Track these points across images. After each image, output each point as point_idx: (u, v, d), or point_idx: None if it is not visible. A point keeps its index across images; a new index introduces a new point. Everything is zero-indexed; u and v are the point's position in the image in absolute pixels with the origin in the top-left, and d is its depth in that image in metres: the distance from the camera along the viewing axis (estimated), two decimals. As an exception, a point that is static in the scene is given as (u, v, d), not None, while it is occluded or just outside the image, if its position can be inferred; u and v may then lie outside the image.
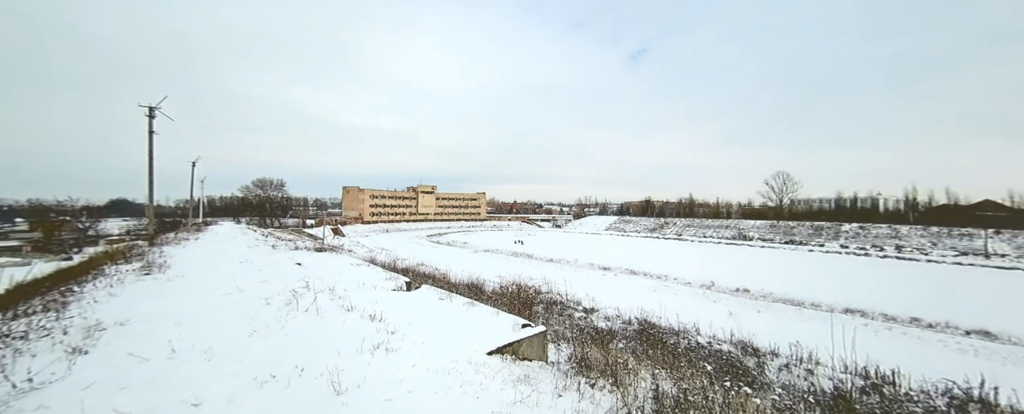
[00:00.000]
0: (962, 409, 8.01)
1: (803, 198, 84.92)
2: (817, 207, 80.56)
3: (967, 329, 17.65)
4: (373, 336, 5.48)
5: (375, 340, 5.28)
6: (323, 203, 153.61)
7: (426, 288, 9.34)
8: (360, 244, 50.96)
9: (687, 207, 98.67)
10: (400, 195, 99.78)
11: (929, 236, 52.77)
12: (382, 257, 29.36)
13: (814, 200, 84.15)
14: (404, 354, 4.89)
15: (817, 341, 12.47)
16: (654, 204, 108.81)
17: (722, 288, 26.46)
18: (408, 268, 21.70)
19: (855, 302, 22.00)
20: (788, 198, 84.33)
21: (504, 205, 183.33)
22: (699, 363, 8.75)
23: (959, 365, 11.03)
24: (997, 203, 62.66)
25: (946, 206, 64.02)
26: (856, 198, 75.33)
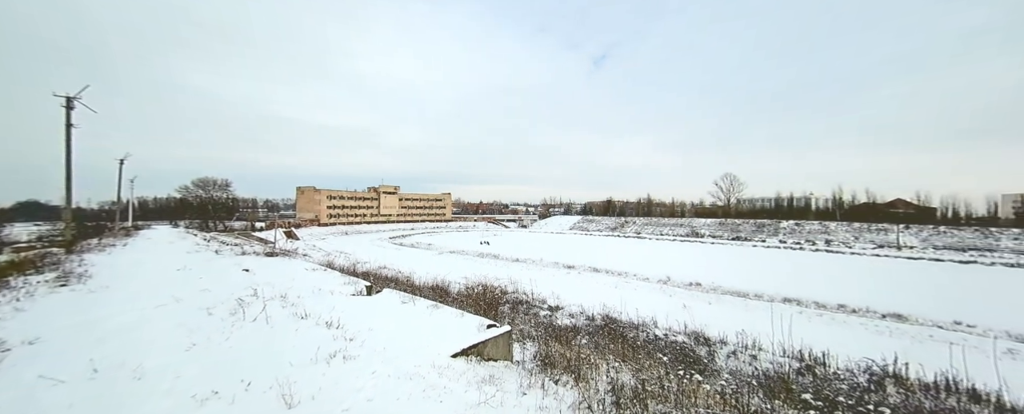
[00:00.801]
0: (880, 384, 9.05)
1: (748, 198, 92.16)
2: (760, 206, 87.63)
3: (883, 313, 19.96)
4: (329, 344, 5.22)
5: (331, 348, 5.04)
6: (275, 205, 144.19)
7: (388, 292, 9.05)
8: (316, 247, 48.36)
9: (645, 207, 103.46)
10: (360, 196, 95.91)
11: (852, 231, 59.11)
12: (340, 261, 28.05)
13: (757, 200, 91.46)
14: (363, 361, 4.71)
15: (760, 329, 13.55)
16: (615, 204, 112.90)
17: (677, 282, 27.98)
18: (369, 272, 20.91)
19: (792, 292, 24.15)
20: (735, 198, 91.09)
21: (470, 206, 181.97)
22: (656, 354, 9.19)
23: (877, 345, 12.45)
24: (907, 202, 71.51)
25: (866, 204, 72.06)
26: (792, 198, 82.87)
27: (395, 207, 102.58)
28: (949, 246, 48.60)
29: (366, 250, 46.00)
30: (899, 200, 72.65)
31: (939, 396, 8.07)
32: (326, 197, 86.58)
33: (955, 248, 47.69)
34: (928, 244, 50.19)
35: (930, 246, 49.52)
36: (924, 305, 21.03)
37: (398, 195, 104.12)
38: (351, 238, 65.35)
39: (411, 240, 62.25)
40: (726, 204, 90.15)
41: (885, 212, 67.78)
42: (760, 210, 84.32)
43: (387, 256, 39.67)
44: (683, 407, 4.55)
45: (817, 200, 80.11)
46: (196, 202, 65.76)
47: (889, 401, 7.59)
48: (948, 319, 18.59)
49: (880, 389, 8.67)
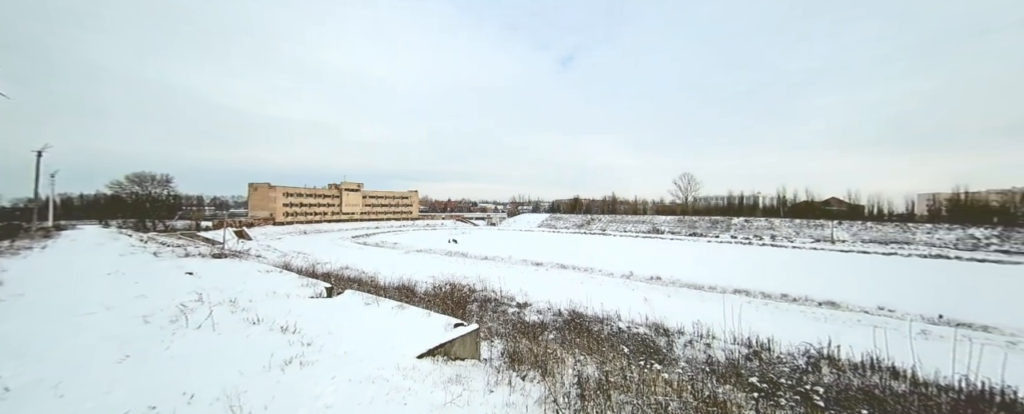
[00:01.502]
0: (816, 365, 9.93)
1: (704, 196, 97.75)
2: (714, 204, 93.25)
3: (819, 301, 21.93)
4: (284, 350, 4.93)
5: (287, 354, 4.76)
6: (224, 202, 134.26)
7: (350, 293, 8.70)
8: (271, 248, 45.57)
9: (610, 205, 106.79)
10: (320, 193, 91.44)
11: (794, 227, 64.39)
12: (298, 262, 26.62)
13: (713, 198, 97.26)
14: (322, 367, 4.49)
15: (714, 319, 14.43)
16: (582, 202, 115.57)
17: (639, 277, 29.14)
18: (330, 273, 20.01)
19: (742, 284, 25.92)
20: (692, 196, 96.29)
21: (438, 203, 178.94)
22: (620, 346, 9.53)
23: (814, 330, 13.64)
24: (840, 200, 78.93)
25: (806, 202, 78.72)
26: (742, 196, 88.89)
27: (358, 205, 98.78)
28: (874, 240, 54.25)
29: (327, 250, 43.96)
30: (833, 199, 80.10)
31: (865, 374, 8.98)
32: (282, 194, 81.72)
33: (879, 242, 53.33)
34: (857, 238, 55.74)
35: (859, 240, 55.02)
36: (853, 293, 23.34)
37: (362, 192, 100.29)
38: (310, 238, 62.18)
39: (376, 239, 60.24)
40: (684, 202, 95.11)
41: (822, 209, 74.53)
42: (714, 207, 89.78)
43: (350, 256, 38.16)
44: (643, 396, 4.74)
45: (764, 198, 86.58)
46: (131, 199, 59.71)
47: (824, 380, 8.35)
48: (873, 305, 20.75)
49: (816, 370, 9.52)
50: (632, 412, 4.02)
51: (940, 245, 49.20)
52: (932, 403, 6.58)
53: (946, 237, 51.15)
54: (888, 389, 7.52)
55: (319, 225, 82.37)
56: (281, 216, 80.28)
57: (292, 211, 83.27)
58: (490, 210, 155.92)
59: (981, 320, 17.95)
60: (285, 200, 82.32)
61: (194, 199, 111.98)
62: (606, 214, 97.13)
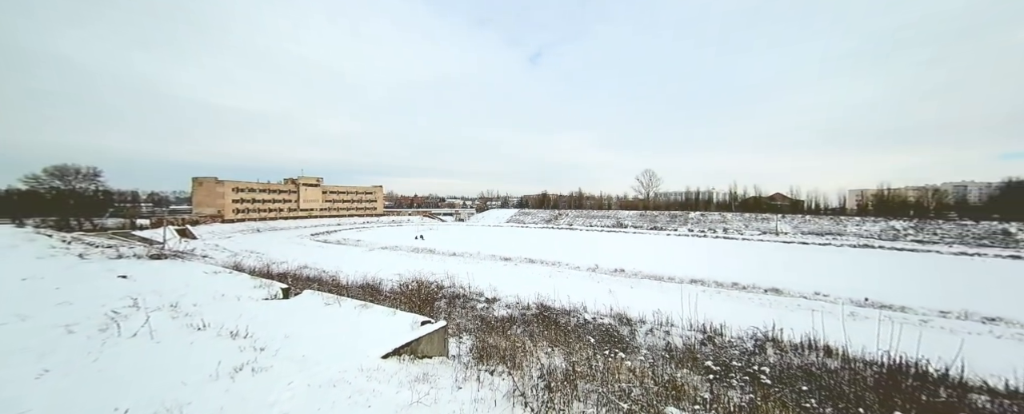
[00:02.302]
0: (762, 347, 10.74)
1: (664, 192, 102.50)
2: (673, 199, 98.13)
3: (765, 288, 23.75)
4: (235, 356, 4.60)
5: (237, 361, 4.44)
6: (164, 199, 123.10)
7: (309, 294, 8.27)
8: (219, 247, 42.37)
9: (577, 200, 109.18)
10: (275, 188, 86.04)
11: (744, 220, 69.16)
12: (251, 262, 24.96)
13: (672, 193, 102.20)
14: (277, 372, 4.23)
15: (672, 308, 15.21)
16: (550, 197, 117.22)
17: (604, 270, 30.09)
18: (286, 273, 18.93)
19: (697, 274, 27.51)
20: (653, 192, 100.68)
21: (404, 199, 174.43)
22: (586, 337, 9.78)
23: (761, 315, 14.72)
24: (784, 195, 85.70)
25: (754, 198, 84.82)
26: (698, 192, 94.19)
27: (318, 201, 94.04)
28: (812, 231, 59.49)
29: (283, 249, 41.52)
30: (778, 194, 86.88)
31: (804, 353, 9.82)
32: (232, 189, 75.99)
33: (816, 233, 58.55)
34: (798, 230, 60.86)
35: (799, 232, 60.11)
36: (794, 280, 25.49)
37: (322, 187, 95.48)
38: (264, 236, 58.40)
39: (337, 236, 57.65)
40: (646, 197, 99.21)
41: (768, 204, 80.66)
42: (673, 203, 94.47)
43: (309, 255, 36.30)
44: (608, 383, 4.89)
45: (718, 194, 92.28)
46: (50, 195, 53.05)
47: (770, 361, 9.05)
48: (811, 291, 22.78)
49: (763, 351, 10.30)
50: (597, 400, 4.13)
51: (867, 236, 54.88)
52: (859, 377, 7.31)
53: (872, 229, 57.12)
54: (823, 366, 8.28)
55: (274, 222, 77.63)
56: (231, 213, 74.81)
57: (243, 208, 77.80)
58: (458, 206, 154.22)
59: (899, 302, 20.27)
60: (235, 196, 76.72)
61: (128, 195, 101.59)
62: (573, 209, 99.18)
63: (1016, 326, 16.50)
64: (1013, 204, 56.62)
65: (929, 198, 69.58)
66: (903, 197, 71.32)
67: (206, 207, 72.99)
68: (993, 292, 23.41)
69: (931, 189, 73.37)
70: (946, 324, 17.00)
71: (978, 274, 30.60)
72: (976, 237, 48.91)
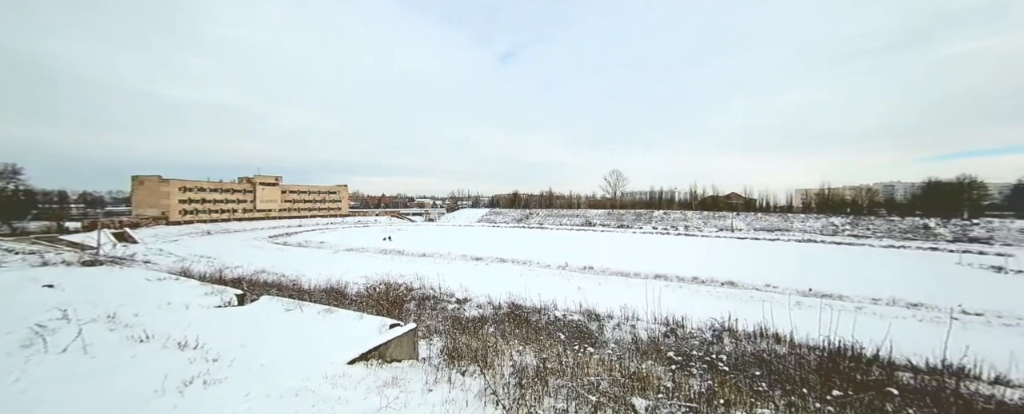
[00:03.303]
0: (720, 337, 11.39)
1: (630, 191, 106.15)
2: (639, 198, 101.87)
3: (722, 281, 25.21)
4: (184, 369, 4.26)
5: (186, 374, 4.12)
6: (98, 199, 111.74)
7: (267, 299, 7.82)
8: (164, 252, 39.09)
9: (547, 199, 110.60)
10: (228, 187, 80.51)
11: (703, 218, 73.02)
12: (201, 267, 23.26)
13: (638, 193, 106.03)
14: (233, 384, 3.97)
15: (638, 302, 15.80)
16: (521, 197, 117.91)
17: (574, 267, 30.71)
18: (242, 278, 17.80)
19: (661, 270, 28.74)
20: (620, 191, 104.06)
21: (371, 199, 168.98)
22: (556, 334, 9.94)
23: (719, 307, 15.63)
24: (739, 194, 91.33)
25: (712, 197, 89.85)
26: (661, 191, 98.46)
27: (277, 201, 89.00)
28: (763, 228, 63.85)
29: (238, 252, 38.94)
30: (733, 194, 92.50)
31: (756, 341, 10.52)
32: (178, 189, 70.24)
33: (767, 229, 62.90)
34: (751, 227, 65.10)
35: (752, 228, 64.31)
36: (747, 274, 27.25)
37: (280, 187, 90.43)
38: (217, 239, 54.48)
39: (299, 238, 54.81)
40: (613, 197, 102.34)
41: (724, 203, 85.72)
42: (639, 201, 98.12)
43: (267, 258, 34.30)
44: (577, 378, 5.01)
45: (679, 193, 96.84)
46: (-45, 196, 46.60)
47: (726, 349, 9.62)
48: (762, 283, 24.45)
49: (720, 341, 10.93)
50: (567, 394, 4.21)
51: (810, 231, 59.65)
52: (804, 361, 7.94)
53: (814, 225, 62.15)
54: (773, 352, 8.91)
55: (227, 224, 72.70)
56: (177, 214, 69.26)
57: (192, 209, 72.26)
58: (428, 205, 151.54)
59: (838, 291, 22.21)
60: (182, 196, 71.08)
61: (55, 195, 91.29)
62: (544, 208, 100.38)
63: (935, 310, 18.57)
64: (932, 202, 63.81)
65: (863, 197, 76.83)
66: (841, 196, 78.20)
67: (148, 208, 67.06)
68: (916, 281, 26.22)
69: (865, 188, 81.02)
70: (877, 310, 18.83)
71: (903, 264, 34.17)
72: (902, 231, 54.50)
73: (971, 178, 66.37)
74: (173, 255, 36.27)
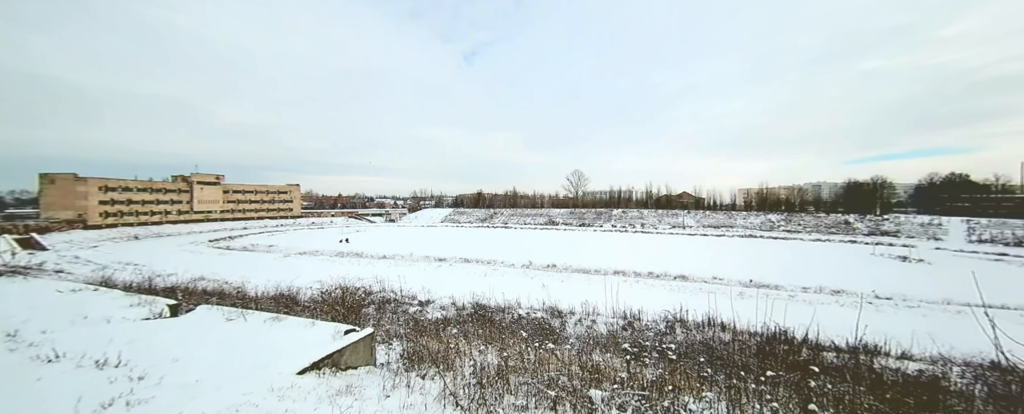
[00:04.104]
0: (672, 328, 12.05)
1: (591, 190, 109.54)
2: (599, 197, 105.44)
3: (675, 275, 26.74)
4: (101, 390, 3.80)
5: (105, 395, 3.67)
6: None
7: (204, 309, 7.18)
8: (82, 260, 34.63)
9: (512, 199, 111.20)
10: (160, 187, 72.87)
11: (657, 216, 77.00)
12: (126, 275, 20.87)
13: (598, 192, 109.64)
14: (161, 403, 3.59)
15: (598, 298, 16.35)
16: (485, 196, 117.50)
17: (537, 266, 31.14)
18: (176, 286, 16.20)
19: (619, 266, 29.94)
20: (582, 191, 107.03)
21: (327, 199, 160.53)
22: (519, 332, 10.02)
23: (672, 300, 16.54)
24: (690, 194, 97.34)
25: (666, 196, 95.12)
26: (620, 191, 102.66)
27: (218, 201, 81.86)
28: (711, 225, 68.52)
29: (171, 258, 35.37)
30: (685, 193, 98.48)
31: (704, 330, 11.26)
32: (98, 188, 62.42)
33: (714, 226, 67.57)
34: (700, 224, 69.61)
35: (701, 226, 68.79)
36: (697, 268, 29.12)
37: (222, 186, 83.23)
38: (146, 244, 49.06)
39: (244, 242, 50.78)
40: (575, 196, 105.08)
41: (677, 202, 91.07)
42: (599, 200, 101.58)
43: (207, 264, 31.47)
44: (538, 374, 5.08)
45: (636, 193, 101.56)
46: None
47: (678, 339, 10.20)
48: (710, 276, 26.23)
49: (673, 331, 11.57)
50: (528, 391, 4.26)
51: (751, 227, 64.89)
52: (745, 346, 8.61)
53: (754, 221, 67.67)
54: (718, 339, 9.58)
55: (159, 228, 65.95)
56: (97, 217, 61.73)
57: (116, 211, 64.71)
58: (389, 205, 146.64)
59: (774, 282, 24.35)
60: (103, 196, 63.43)
61: (-66, 197, 77.75)
62: (508, 208, 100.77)
63: (853, 296, 20.89)
64: (852, 200, 72.15)
65: (796, 196, 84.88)
66: (777, 195, 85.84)
67: (61, 210, 59.08)
68: (838, 270, 29.39)
69: (797, 188, 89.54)
70: (807, 297, 20.87)
71: (828, 256, 38.16)
72: (827, 227, 60.78)
73: (883, 179, 76.11)
74: (92, 263, 32.22)
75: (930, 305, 19.42)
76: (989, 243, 45.32)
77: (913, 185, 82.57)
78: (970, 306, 16.99)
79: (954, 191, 68.89)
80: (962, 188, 69.44)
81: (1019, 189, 65.20)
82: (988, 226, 49.81)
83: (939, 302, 19.70)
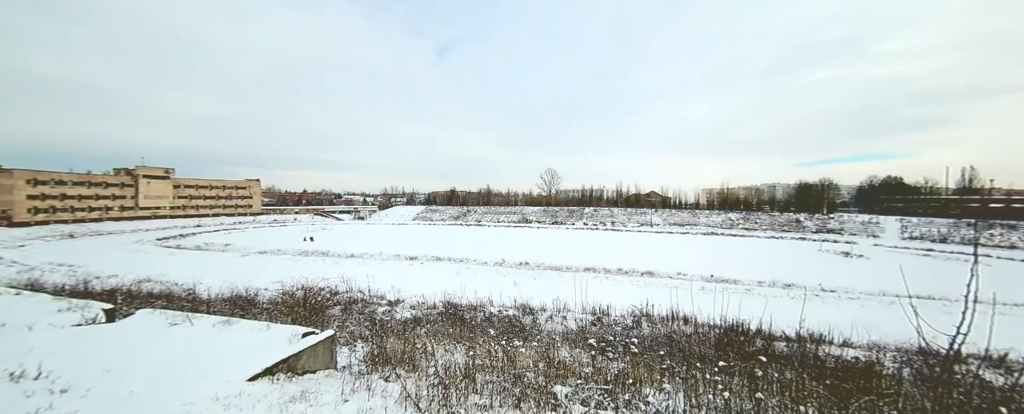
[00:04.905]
0: (638, 322, 12.42)
1: (564, 189, 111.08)
2: (572, 196, 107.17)
3: (642, 271, 27.63)
4: (15, 405, 3.39)
5: (18, 411, 3.28)
6: None
7: (145, 314, 6.61)
8: (4, 261, 31.11)
9: (485, 197, 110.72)
10: (100, 181, 66.72)
11: (627, 214, 79.32)
12: (57, 277, 18.98)
13: (571, 191, 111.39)
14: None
15: (569, 295, 16.59)
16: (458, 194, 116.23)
17: (510, 263, 31.20)
18: (116, 289, 14.88)
19: (590, 263, 30.58)
20: (555, 189, 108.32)
21: (290, 195, 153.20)
22: (488, 330, 9.98)
23: (639, 295, 17.06)
24: (657, 193, 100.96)
25: (635, 195, 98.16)
26: (592, 190, 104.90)
27: (168, 197, 76.01)
28: (676, 223, 71.42)
29: (112, 258, 32.46)
30: (653, 192, 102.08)
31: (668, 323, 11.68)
32: (26, 181, 56.25)
33: (679, 224, 70.48)
34: (666, 222, 72.38)
35: (667, 223, 71.55)
36: (663, 264, 30.24)
37: (172, 180, 77.33)
38: (83, 243, 44.71)
39: (197, 240, 47.42)
40: (549, 194, 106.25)
41: (645, 200, 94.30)
42: (572, 199, 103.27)
43: (154, 264, 29.15)
44: (505, 372, 5.06)
45: (607, 191, 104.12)
46: None
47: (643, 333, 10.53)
48: (674, 272, 27.32)
49: (639, 325, 11.93)
50: (493, 390, 4.22)
51: (712, 225, 68.23)
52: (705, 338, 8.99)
53: (716, 220, 71.19)
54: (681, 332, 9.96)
55: (99, 225, 60.49)
56: (24, 214, 55.79)
57: (46, 206, 58.74)
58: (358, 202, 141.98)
59: (732, 276, 25.72)
60: (32, 190, 57.39)
61: None
62: (482, 206, 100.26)
63: (802, 289, 22.40)
64: (802, 201, 77.59)
65: (753, 196, 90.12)
66: (737, 195, 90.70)
67: (-22, 207, 52.93)
68: (789, 265, 31.46)
69: (754, 188, 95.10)
70: (761, 291, 22.17)
71: (780, 252, 40.79)
72: (780, 225, 64.91)
73: (830, 181, 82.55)
74: (17, 264, 29.02)
75: (868, 296, 21.19)
76: (919, 240, 50.10)
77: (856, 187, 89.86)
78: (900, 297, 18.68)
79: (890, 193, 75.79)
80: (897, 190, 76.47)
81: (944, 192, 72.59)
82: (918, 224, 55.05)
83: (875, 294, 21.53)
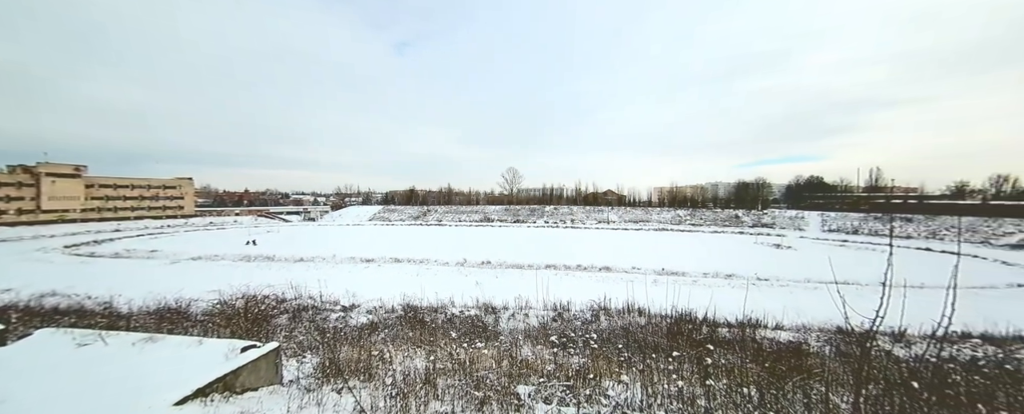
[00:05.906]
0: (597, 316, 12.82)
1: (525, 188, 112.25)
2: (533, 194, 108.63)
3: (600, 267, 28.65)
4: None
5: None
6: None
7: (46, 333, 5.70)
8: None
9: (446, 196, 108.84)
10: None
11: (585, 212, 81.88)
12: (-68, 295, 15.90)
13: (532, 189, 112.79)
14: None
15: (531, 292, 16.76)
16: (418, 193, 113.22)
17: (472, 263, 30.92)
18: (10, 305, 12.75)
19: (551, 260, 31.15)
20: (516, 188, 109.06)
21: (230, 195, 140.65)
22: (450, 332, 9.78)
23: (598, 290, 17.63)
24: (614, 191, 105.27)
25: (593, 193, 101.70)
26: (552, 188, 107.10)
27: (78, 197, 66.53)
28: (631, 220, 74.93)
29: (6, 270, 27.79)
30: (610, 191, 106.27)
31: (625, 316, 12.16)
32: None
33: (633, 221, 74.02)
34: (622, 219, 75.69)
35: (623, 221, 74.84)
36: (619, 259, 31.57)
37: (85, 179, 67.76)
38: (-34, 254, 37.82)
39: (116, 247, 41.89)
40: (510, 193, 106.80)
41: (603, 199, 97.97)
42: (533, 198, 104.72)
43: (60, 276, 25.36)
44: (467, 374, 4.96)
45: (567, 190, 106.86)
46: None
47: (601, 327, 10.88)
48: (629, 266, 28.62)
49: (598, 320, 12.31)
50: (455, 394, 4.12)
51: (663, 222, 72.42)
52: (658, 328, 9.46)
53: (666, 216, 75.63)
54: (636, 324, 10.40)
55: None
56: None
57: (-87, 212, 49.17)
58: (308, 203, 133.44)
59: (681, 269, 27.43)
60: None
61: None
62: (443, 205, 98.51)
63: (742, 279, 24.39)
64: (741, 198, 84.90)
65: (699, 194, 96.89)
66: (685, 193, 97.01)
67: None
68: (730, 257, 34.16)
69: (700, 187, 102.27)
70: (706, 282, 23.85)
71: (722, 245, 44.18)
72: (722, 221, 70.34)
73: (763, 180, 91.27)
74: None
75: (796, 283, 23.55)
76: (837, 232, 56.62)
77: (785, 185, 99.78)
78: (823, 283, 20.93)
79: (813, 191, 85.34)
80: (818, 188, 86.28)
81: (856, 189, 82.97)
82: (836, 218, 62.24)
83: (801, 281, 23.99)
